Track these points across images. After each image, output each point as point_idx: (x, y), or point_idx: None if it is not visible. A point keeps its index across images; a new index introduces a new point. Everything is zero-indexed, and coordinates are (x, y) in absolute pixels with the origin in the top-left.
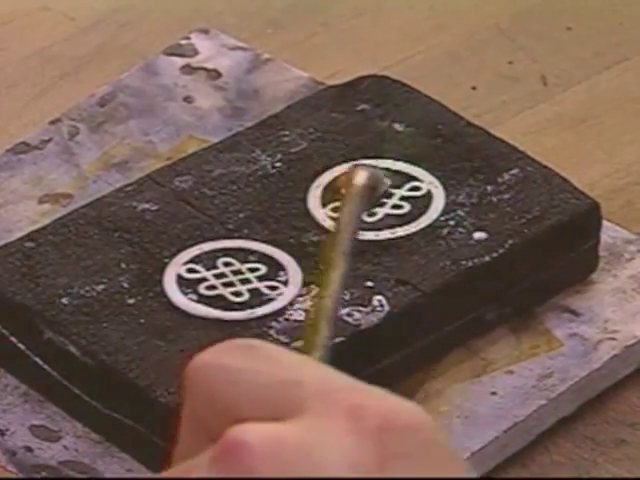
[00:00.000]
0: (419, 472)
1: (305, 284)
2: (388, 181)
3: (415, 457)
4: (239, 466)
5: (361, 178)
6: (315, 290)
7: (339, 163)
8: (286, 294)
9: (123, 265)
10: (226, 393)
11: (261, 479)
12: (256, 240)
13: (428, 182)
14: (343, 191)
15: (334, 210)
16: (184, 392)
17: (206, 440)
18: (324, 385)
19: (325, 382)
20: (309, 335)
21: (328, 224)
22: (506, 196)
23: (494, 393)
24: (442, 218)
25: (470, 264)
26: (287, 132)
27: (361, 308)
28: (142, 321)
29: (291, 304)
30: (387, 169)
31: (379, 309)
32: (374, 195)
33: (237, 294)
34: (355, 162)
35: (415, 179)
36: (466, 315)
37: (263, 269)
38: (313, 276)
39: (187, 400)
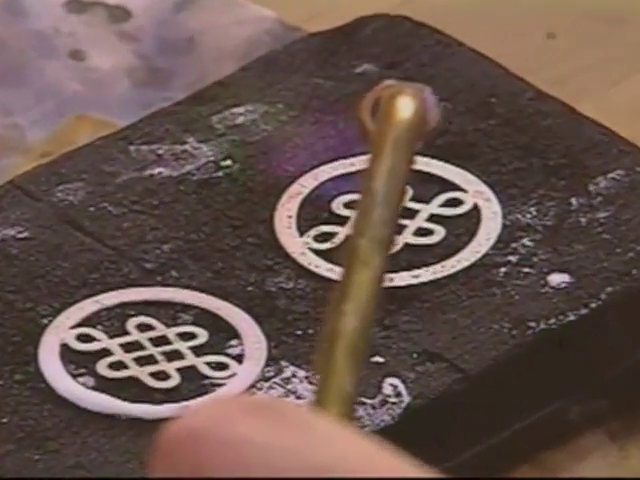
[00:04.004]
0: None
1: (273, 360)
2: (440, 112)
3: None
4: None
5: (407, 108)
6: (283, 365)
7: (327, 161)
8: (241, 377)
9: None
10: (212, 472)
11: None
12: (191, 288)
13: (474, 192)
14: (375, 130)
15: (347, 206)
16: (152, 469)
17: None
18: (377, 470)
19: (377, 466)
20: (323, 379)
21: (313, 264)
22: (602, 215)
23: None
24: (497, 251)
25: (542, 327)
26: (241, 110)
27: (366, 399)
28: (5, 420)
29: (249, 393)
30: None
31: (394, 400)
32: (424, 134)
33: (161, 376)
34: (391, 81)
35: (453, 187)
36: (536, 411)
37: (203, 336)
38: (285, 347)
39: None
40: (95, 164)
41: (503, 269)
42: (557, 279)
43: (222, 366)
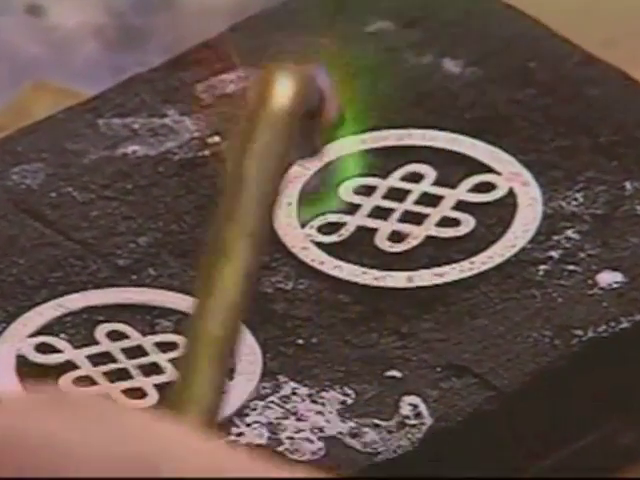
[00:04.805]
0: None
1: (269, 374)
2: (337, 98)
3: None
4: None
5: (283, 91)
6: (281, 381)
7: None
8: (232, 394)
9: None
10: (33, 472)
11: None
12: (172, 289)
13: (509, 174)
14: (249, 114)
15: (357, 191)
16: None
17: None
18: (196, 465)
19: (197, 461)
20: (179, 386)
21: (317, 260)
22: None
23: None
24: (537, 245)
25: (590, 335)
26: (231, 76)
27: (379, 421)
28: None
29: (241, 413)
30: (429, 149)
31: (413, 423)
32: (311, 125)
33: (136, 394)
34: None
35: (484, 169)
36: (582, 436)
37: None
38: (283, 359)
39: None
40: (57, 141)
41: (543, 266)
42: (607, 278)
43: None
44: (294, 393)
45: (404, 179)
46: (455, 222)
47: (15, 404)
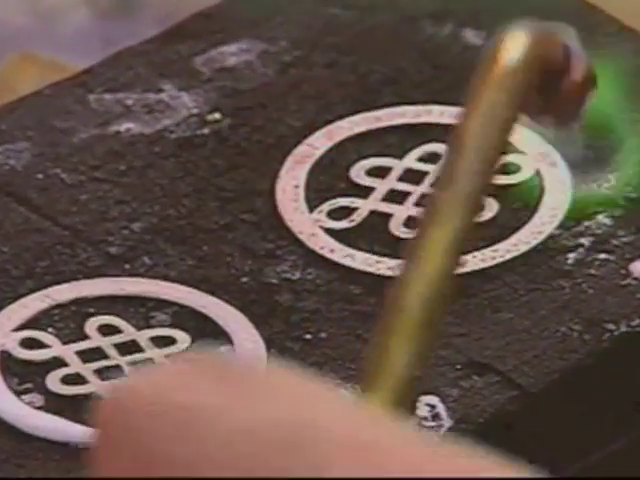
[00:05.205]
0: None
1: None
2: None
3: None
4: None
5: (513, 49)
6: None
7: (343, 115)
8: None
9: None
10: (191, 447)
11: None
12: (168, 279)
13: (536, 154)
14: (479, 73)
15: (370, 173)
16: (97, 450)
17: None
18: (358, 433)
19: (359, 429)
20: (376, 359)
21: (326, 247)
22: None
23: None
24: (565, 231)
25: (623, 329)
26: (232, 48)
27: None
28: None
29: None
30: (448, 127)
31: (431, 424)
32: (556, 89)
33: None
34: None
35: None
36: (615, 438)
37: (184, 340)
38: (289, 355)
39: (105, 459)
40: (44, 118)
41: (573, 255)
42: None
43: None
44: None
45: (421, 160)
46: None
47: (165, 371)
